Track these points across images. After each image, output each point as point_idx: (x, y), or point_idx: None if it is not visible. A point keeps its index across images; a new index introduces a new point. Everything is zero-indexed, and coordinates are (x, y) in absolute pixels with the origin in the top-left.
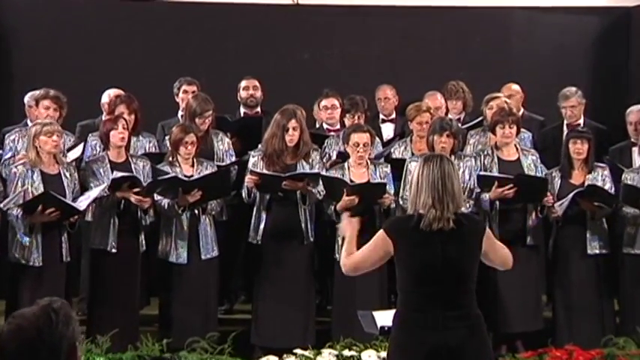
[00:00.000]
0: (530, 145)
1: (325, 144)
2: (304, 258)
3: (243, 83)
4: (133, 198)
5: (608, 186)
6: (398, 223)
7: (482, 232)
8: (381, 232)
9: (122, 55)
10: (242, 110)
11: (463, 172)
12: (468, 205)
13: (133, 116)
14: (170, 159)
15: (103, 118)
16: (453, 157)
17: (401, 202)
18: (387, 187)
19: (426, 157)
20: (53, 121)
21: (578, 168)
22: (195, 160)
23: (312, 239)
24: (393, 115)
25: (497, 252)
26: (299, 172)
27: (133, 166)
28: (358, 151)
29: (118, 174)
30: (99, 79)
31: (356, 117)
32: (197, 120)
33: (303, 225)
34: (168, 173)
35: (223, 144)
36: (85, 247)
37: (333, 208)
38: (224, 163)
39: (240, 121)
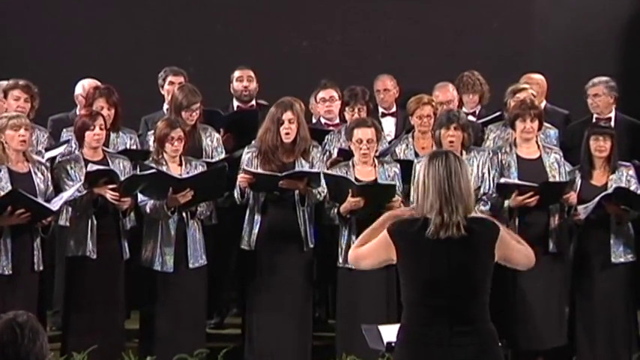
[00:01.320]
0: (556, 142)
1: (325, 140)
2: (303, 266)
3: (236, 74)
4: (109, 195)
5: (634, 187)
6: (403, 227)
7: (496, 236)
8: (384, 233)
9: (101, 41)
10: (235, 103)
11: (477, 166)
12: (480, 210)
13: (112, 111)
14: (156, 157)
15: (78, 112)
16: (463, 152)
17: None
18: (397, 189)
19: (431, 154)
20: (21, 114)
21: (600, 167)
22: (183, 159)
23: (311, 245)
24: (394, 109)
25: (515, 251)
26: (297, 170)
27: (110, 164)
28: (361, 148)
29: (94, 167)
30: (74, 68)
31: (356, 110)
32: (183, 114)
33: (302, 229)
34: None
35: (212, 140)
36: (58, 255)
37: (336, 210)
38: (213, 161)
39: (234, 114)
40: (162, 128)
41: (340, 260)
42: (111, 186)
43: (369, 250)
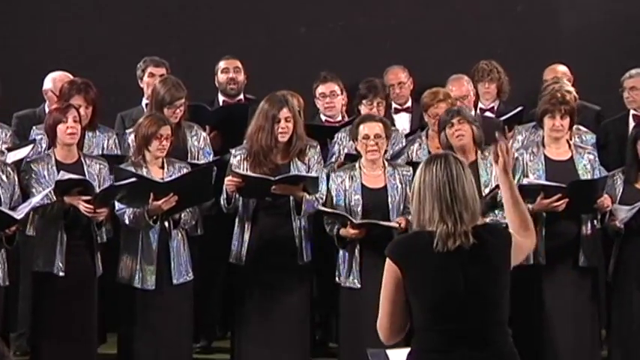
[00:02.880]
0: (592, 149)
1: (335, 139)
2: (300, 283)
3: (221, 64)
4: (82, 207)
5: None
6: (403, 246)
7: (510, 243)
8: (387, 261)
9: (71, 28)
10: (221, 98)
11: (491, 171)
12: (493, 219)
13: (90, 109)
14: (135, 159)
15: (47, 108)
16: (478, 151)
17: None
18: (408, 195)
19: (428, 158)
20: None
21: None
22: (165, 161)
23: (308, 258)
24: (409, 103)
25: (523, 248)
26: (293, 174)
27: (85, 168)
28: (368, 145)
29: (65, 175)
30: (42, 59)
31: (375, 104)
32: (166, 110)
33: (297, 240)
34: (134, 174)
35: (198, 140)
36: (24, 270)
37: (336, 231)
38: (200, 162)
39: (222, 110)
40: (149, 125)
41: (340, 278)
42: (85, 197)
43: (382, 304)
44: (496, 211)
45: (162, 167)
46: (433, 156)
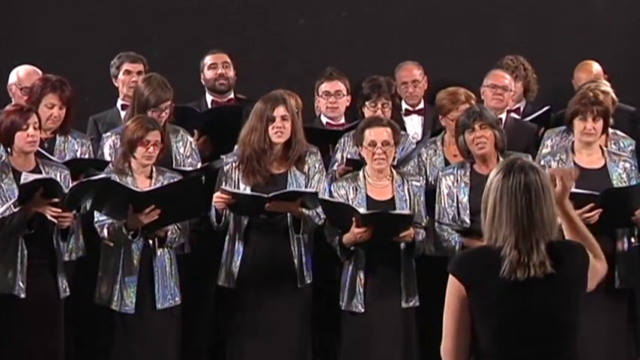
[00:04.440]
0: (631, 156)
1: (338, 144)
2: (298, 307)
3: (207, 60)
4: (50, 213)
5: None
6: (467, 262)
7: (588, 263)
8: (450, 279)
9: (40, 19)
10: (209, 98)
11: None
12: None
13: (64, 110)
14: (120, 166)
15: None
16: (500, 158)
17: (437, 230)
18: (418, 210)
19: (505, 168)
20: None
21: None
22: (154, 169)
23: (309, 280)
24: (421, 105)
25: (597, 272)
26: (289, 190)
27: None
28: (375, 153)
29: (29, 177)
30: (8, 53)
31: (379, 105)
32: (150, 113)
33: (296, 260)
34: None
35: (185, 146)
36: None
37: (337, 239)
38: (190, 169)
39: (212, 112)
40: (135, 130)
41: (343, 302)
42: (53, 201)
43: (446, 325)
44: None
45: (151, 177)
46: (510, 166)
